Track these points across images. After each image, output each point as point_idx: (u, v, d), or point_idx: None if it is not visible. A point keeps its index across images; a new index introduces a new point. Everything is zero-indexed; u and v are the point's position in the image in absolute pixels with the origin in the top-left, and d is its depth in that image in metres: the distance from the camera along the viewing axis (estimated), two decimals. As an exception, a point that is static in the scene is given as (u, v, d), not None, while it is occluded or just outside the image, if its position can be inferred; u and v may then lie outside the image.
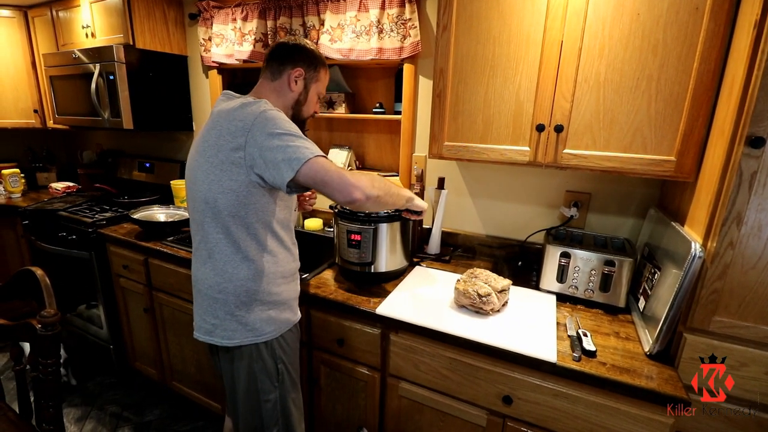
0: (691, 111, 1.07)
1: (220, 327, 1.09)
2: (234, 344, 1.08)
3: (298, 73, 1.13)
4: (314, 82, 1.17)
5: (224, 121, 1.01)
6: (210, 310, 1.10)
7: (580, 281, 1.31)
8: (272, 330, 1.11)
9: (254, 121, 0.97)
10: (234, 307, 1.07)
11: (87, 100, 2.15)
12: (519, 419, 1.13)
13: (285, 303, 1.15)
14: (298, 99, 1.16)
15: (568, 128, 1.21)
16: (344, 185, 0.94)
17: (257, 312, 1.09)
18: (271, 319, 1.11)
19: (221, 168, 1.00)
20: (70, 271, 2.15)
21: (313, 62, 1.16)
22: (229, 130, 0.99)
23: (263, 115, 0.98)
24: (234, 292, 1.07)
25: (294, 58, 1.13)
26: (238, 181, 1.00)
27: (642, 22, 1.07)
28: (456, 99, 1.36)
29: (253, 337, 1.09)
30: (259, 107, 1.00)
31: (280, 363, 1.13)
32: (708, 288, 0.98)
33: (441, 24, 1.32)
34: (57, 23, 2.36)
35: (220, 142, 1.00)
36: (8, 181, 2.60)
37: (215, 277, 1.07)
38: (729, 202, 0.92)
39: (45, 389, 1.10)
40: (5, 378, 2.11)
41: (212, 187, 1.02)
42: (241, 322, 1.08)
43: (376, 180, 1.03)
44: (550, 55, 1.19)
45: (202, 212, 1.06)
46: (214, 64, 2.15)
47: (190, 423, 1.97)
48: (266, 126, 0.97)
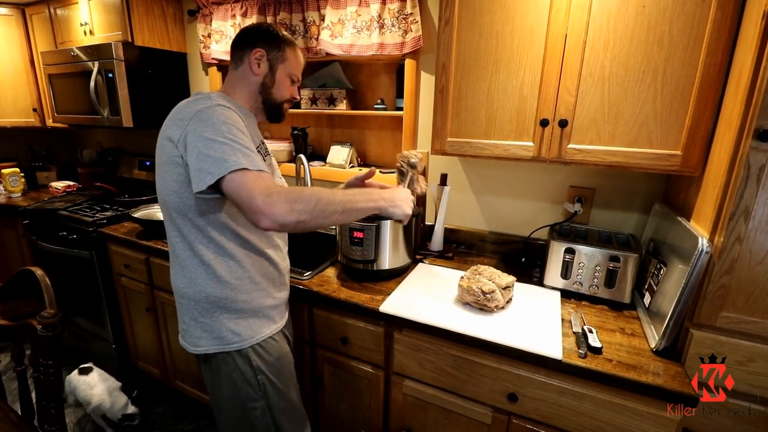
0: (697, 104, 1.05)
1: (188, 333, 1.06)
2: (200, 352, 1.04)
3: (259, 54, 1.06)
4: (280, 62, 1.09)
5: (169, 119, 0.98)
6: (179, 314, 1.08)
7: (584, 277, 1.30)
8: (240, 340, 1.04)
9: (190, 120, 0.92)
10: (197, 312, 1.03)
11: (86, 99, 2.14)
12: (524, 416, 1.12)
13: (257, 311, 1.07)
14: (264, 82, 1.08)
15: (573, 123, 1.20)
16: (252, 209, 0.84)
17: (221, 320, 1.03)
18: (240, 328, 1.04)
19: (164, 168, 0.97)
20: (71, 271, 2.14)
21: (275, 41, 1.08)
22: (169, 128, 0.96)
23: (198, 115, 0.92)
24: (194, 297, 1.02)
25: (252, 41, 1.07)
26: (178, 181, 0.95)
27: (647, 14, 1.06)
28: (459, 94, 1.34)
29: (219, 345, 1.03)
30: (198, 105, 0.94)
31: (260, 374, 1.06)
32: (715, 283, 0.97)
33: (443, 18, 1.31)
34: (55, 21, 2.35)
35: (162, 141, 0.97)
36: (8, 180, 2.59)
37: (177, 282, 1.05)
38: (736, 197, 0.91)
39: (46, 390, 1.10)
40: (7, 378, 2.11)
41: (161, 189, 0.99)
42: (205, 330, 1.04)
43: (305, 200, 0.88)
44: (554, 49, 1.17)
45: (163, 214, 1.04)
46: (213, 60, 2.14)
47: (194, 422, 1.97)
48: (198, 126, 0.91)
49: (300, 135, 2.00)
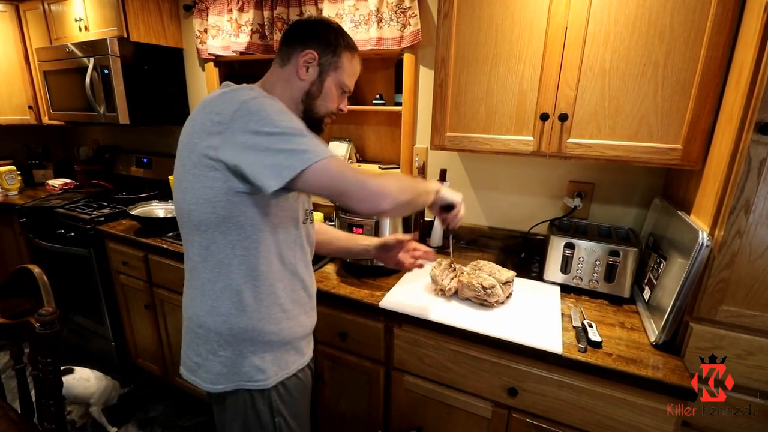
0: (698, 98, 1.05)
1: (203, 368, 0.90)
2: (218, 390, 0.90)
3: (310, 57, 0.90)
4: (332, 69, 0.93)
5: (199, 114, 0.83)
6: (192, 346, 0.91)
7: (584, 272, 1.30)
8: (264, 378, 0.90)
9: (234, 114, 0.77)
10: (217, 345, 0.88)
11: (82, 95, 2.12)
12: (524, 411, 1.12)
13: (285, 343, 0.94)
14: (309, 90, 0.92)
15: (573, 117, 1.19)
16: (371, 191, 0.77)
17: (245, 354, 0.88)
18: (265, 364, 0.90)
19: (194, 173, 0.81)
20: (69, 269, 2.14)
21: (332, 44, 0.92)
22: (203, 126, 0.80)
23: (245, 107, 0.77)
24: (216, 328, 0.87)
25: (305, 39, 0.90)
26: (213, 188, 0.80)
27: (648, 7, 1.05)
28: (458, 89, 1.33)
29: (241, 382, 0.89)
30: (240, 95, 0.79)
31: (278, 417, 0.93)
32: (715, 277, 0.97)
33: (442, 12, 1.30)
34: (49, 17, 2.32)
35: (193, 140, 0.81)
36: (4, 178, 2.57)
37: (194, 309, 0.90)
38: (737, 190, 0.91)
39: (45, 388, 1.10)
40: (6, 377, 2.10)
41: (186, 197, 0.84)
42: (226, 365, 0.88)
43: (403, 180, 0.84)
44: (554, 43, 1.16)
45: (181, 228, 0.89)
46: (210, 56, 2.12)
47: (194, 418, 1.98)
48: (250, 120, 0.76)
49: (298, 131, 1.98)
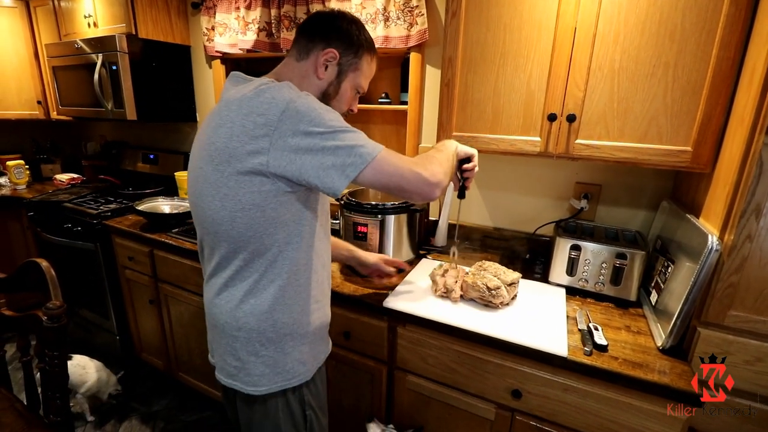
0: (709, 99, 1.03)
1: (244, 371, 0.89)
2: (262, 392, 0.89)
3: (331, 56, 0.87)
4: (352, 70, 0.91)
5: (236, 115, 0.77)
6: (230, 350, 0.90)
7: (590, 274, 1.29)
8: (306, 370, 0.93)
9: (281, 116, 0.74)
10: (259, 345, 0.88)
11: (90, 91, 2.13)
12: (528, 413, 1.11)
13: (318, 333, 0.96)
14: (327, 90, 0.91)
15: (581, 118, 1.18)
16: (423, 184, 0.81)
17: (288, 349, 0.90)
18: (304, 356, 0.93)
19: (237, 179, 0.78)
20: (75, 263, 2.15)
21: (354, 44, 0.89)
22: (244, 129, 0.76)
23: (292, 107, 0.75)
24: (258, 327, 0.87)
25: (327, 35, 0.87)
26: (262, 192, 0.78)
27: (659, 6, 1.04)
28: (465, 88, 1.33)
29: (284, 381, 0.90)
30: (282, 95, 0.76)
31: (308, 410, 0.95)
32: (724, 282, 0.95)
33: (450, 10, 1.29)
34: (59, 13, 2.33)
35: (232, 144, 0.77)
36: (13, 172, 2.60)
37: (233, 311, 0.88)
38: (748, 194, 0.89)
39: (52, 380, 1.11)
40: (13, 369, 2.13)
41: (226, 204, 0.80)
42: (268, 365, 0.89)
43: (440, 161, 0.88)
44: (562, 42, 1.15)
45: (214, 234, 0.85)
46: (217, 53, 2.13)
47: (197, 413, 1.98)
48: (300, 122, 0.74)
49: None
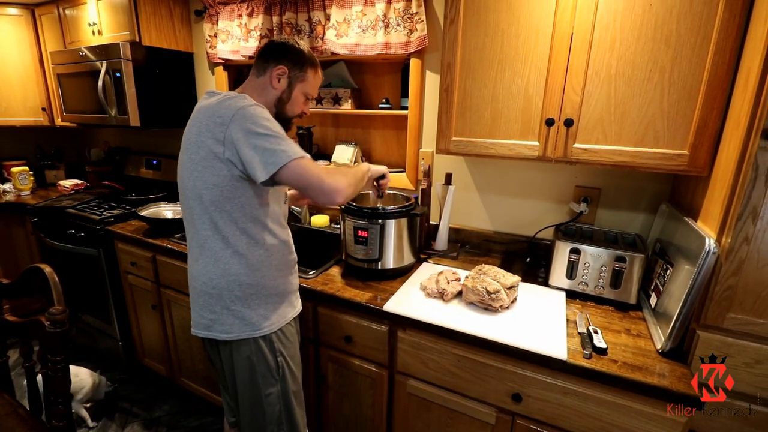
0: (705, 103, 1.04)
1: (218, 322, 1.10)
2: (232, 338, 1.10)
3: (281, 71, 1.12)
4: (299, 81, 1.16)
5: (204, 116, 1.03)
6: (206, 306, 1.11)
7: (590, 277, 1.30)
8: (270, 324, 1.12)
9: (233, 116, 0.98)
10: (229, 302, 1.09)
11: (94, 98, 2.16)
12: (528, 417, 1.12)
13: (282, 296, 1.16)
14: (281, 97, 1.15)
15: (579, 122, 1.19)
16: (326, 191, 0.98)
17: (254, 306, 1.10)
18: (268, 313, 1.12)
19: (203, 164, 1.02)
20: (78, 268, 2.17)
21: (299, 61, 1.15)
22: (208, 126, 1.01)
23: (242, 111, 0.98)
24: (228, 287, 1.08)
25: (278, 56, 1.13)
26: (220, 175, 1.01)
27: (654, 12, 1.05)
28: (464, 93, 1.34)
29: (251, 331, 1.10)
30: (237, 102, 1.00)
31: (279, 356, 1.14)
32: (722, 284, 0.96)
33: (448, 17, 1.31)
34: (64, 21, 2.37)
35: (200, 138, 1.02)
36: (17, 178, 2.62)
37: (208, 273, 1.09)
38: (744, 197, 0.90)
39: (54, 385, 1.11)
40: (16, 374, 2.13)
41: (197, 184, 1.04)
42: (237, 317, 1.09)
43: (348, 175, 1.07)
44: (559, 48, 1.17)
45: (190, 209, 1.09)
46: (220, 60, 2.15)
47: (199, 419, 1.99)
48: (245, 122, 0.97)
49: (305, 134, 2.00)
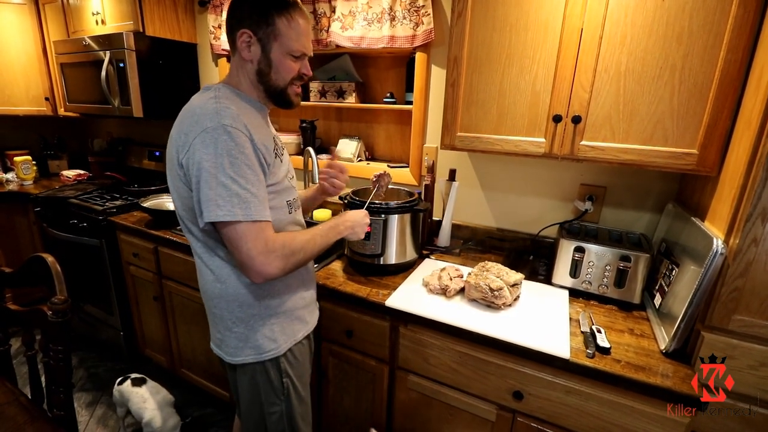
0: (715, 102, 1.03)
1: (224, 342, 1.01)
2: (237, 362, 1.00)
3: (246, 36, 0.89)
4: (273, 40, 0.89)
5: (178, 123, 0.89)
6: (213, 323, 1.03)
7: (594, 276, 1.29)
8: (276, 347, 1.00)
9: (194, 139, 0.82)
10: (231, 323, 0.98)
11: (97, 88, 2.15)
12: (529, 415, 1.11)
13: (290, 313, 1.03)
14: (259, 69, 0.92)
15: (586, 119, 1.17)
16: (249, 266, 0.85)
17: (257, 327, 0.98)
18: (274, 333, 1.00)
19: (177, 184, 0.90)
20: (80, 259, 2.17)
21: (262, 13, 0.87)
22: (176, 142, 0.87)
23: (203, 136, 0.81)
24: (227, 307, 0.97)
25: (237, 18, 0.89)
26: (183, 196, 0.90)
27: (667, 8, 1.03)
28: (470, 88, 1.33)
29: (256, 355, 0.99)
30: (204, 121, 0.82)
31: (285, 377, 1.04)
32: (729, 286, 0.95)
33: (456, 11, 1.29)
34: (67, 10, 2.35)
35: (171, 151, 0.90)
36: (20, 168, 2.62)
37: (207, 292, 1.00)
38: (754, 198, 0.89)
39: (56, 374, 1.11)
40: (18, 363, 2.14)
41: (178, 204, 0.94)
42: (241, 339, 0.98)
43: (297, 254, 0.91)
44: (569, 44, 1.15)
45: (183, 228, 0.99)
46: (223, 51, 2.14)
47: (200, 410, 1.99)
48: (201, 151, 0.81)
49: (308, 127, 1.99)
